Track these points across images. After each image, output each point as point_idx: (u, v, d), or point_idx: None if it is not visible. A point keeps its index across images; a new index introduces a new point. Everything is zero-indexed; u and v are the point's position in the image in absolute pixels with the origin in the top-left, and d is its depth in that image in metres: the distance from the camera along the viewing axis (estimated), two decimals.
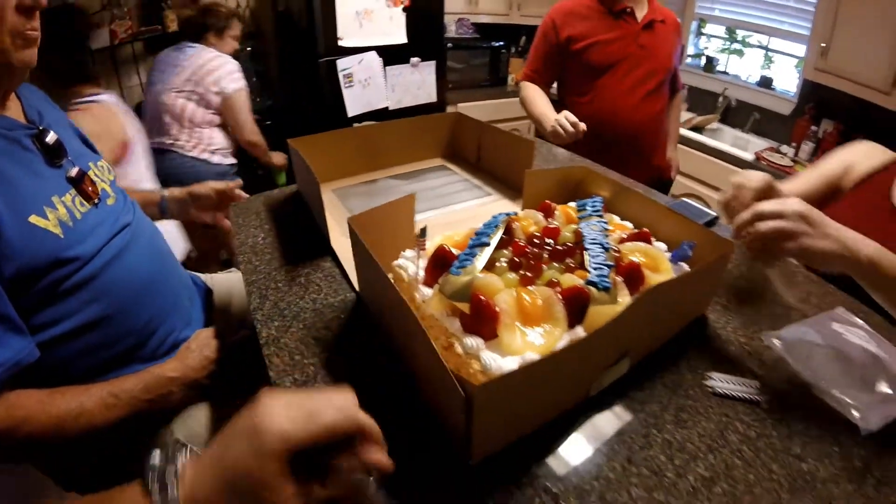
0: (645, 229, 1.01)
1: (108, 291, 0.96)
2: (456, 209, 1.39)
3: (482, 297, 0.71)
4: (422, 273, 0.85)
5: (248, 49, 3.79)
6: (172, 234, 2.15)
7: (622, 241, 0.96)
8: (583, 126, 1.74)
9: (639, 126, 2.11)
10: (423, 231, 0.88)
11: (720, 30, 3.75)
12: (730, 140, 3.44)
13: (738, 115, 3.57)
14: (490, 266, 0.83)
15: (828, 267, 0.85)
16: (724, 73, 3.77)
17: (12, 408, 0.82)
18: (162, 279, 1.11)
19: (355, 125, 1.99)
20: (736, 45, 3.67)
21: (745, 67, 3.68)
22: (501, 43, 4.32)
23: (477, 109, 3.98)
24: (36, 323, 0.87)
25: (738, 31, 3.64)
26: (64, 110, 1.21)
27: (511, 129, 4.03)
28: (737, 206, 0.92)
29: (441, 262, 0.83)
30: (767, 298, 1.07)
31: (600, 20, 2.04)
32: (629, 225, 1.07)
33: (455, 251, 0.85)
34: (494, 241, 0.87)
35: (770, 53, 3.48)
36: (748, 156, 3.02)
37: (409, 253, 0.93)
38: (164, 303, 1.10)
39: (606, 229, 0.94)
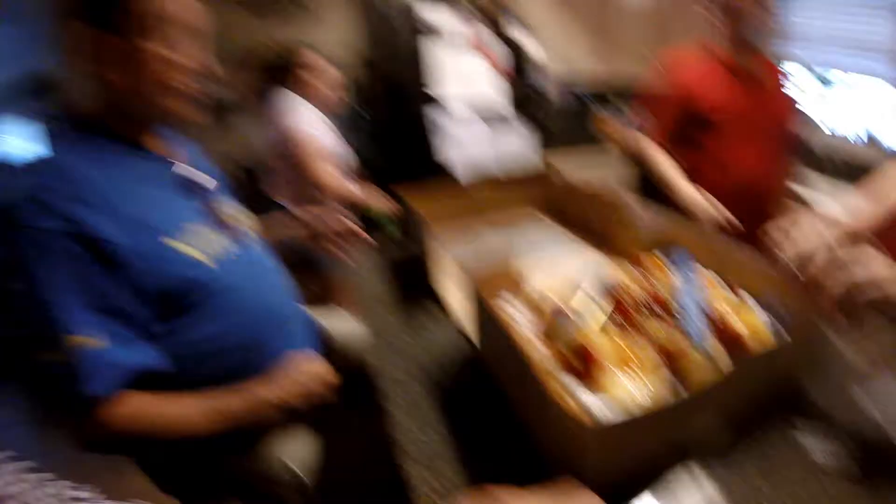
0: (738, 289, 1.08)
1: (230, 311, 1.09)
2: (550, 258, 1.48)
3: (587, 348, 0.82)
4: (531, 324, 0.96)
5: (355, 106, 4.14)
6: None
7: (713, 296, 1.03)
8: (735, 222, 1.76)
9: (767, 190, 2.06)
10: (522, 277, 1.00)
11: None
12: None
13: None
14: (594, 321, 0.94)
15: None
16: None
17: (131, 408, 0.93)
18: (278, 306, 1.22)
19: (455, 178, 2.14)
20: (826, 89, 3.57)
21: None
22: (593, 99, 4.50)
23: (573, 164, 4.05)
24: (162, 331, 1.00)
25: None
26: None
27: (605, 183, 4.14)
28: (816, 271, 0.81)
29: (554, 317, 0.94)
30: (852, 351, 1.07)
31: (730, 83, 1.97)
32: (717, 279, 1.13)
33: (560, 304, 0.96)
34: (600, 297, 0.97)
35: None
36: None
37: (507, 295, 1.04)
38: (278, 328, 1.20)
39: (699, 286, 1.02)
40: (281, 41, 3.86)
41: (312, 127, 2.42)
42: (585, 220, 1.69)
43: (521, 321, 0.98)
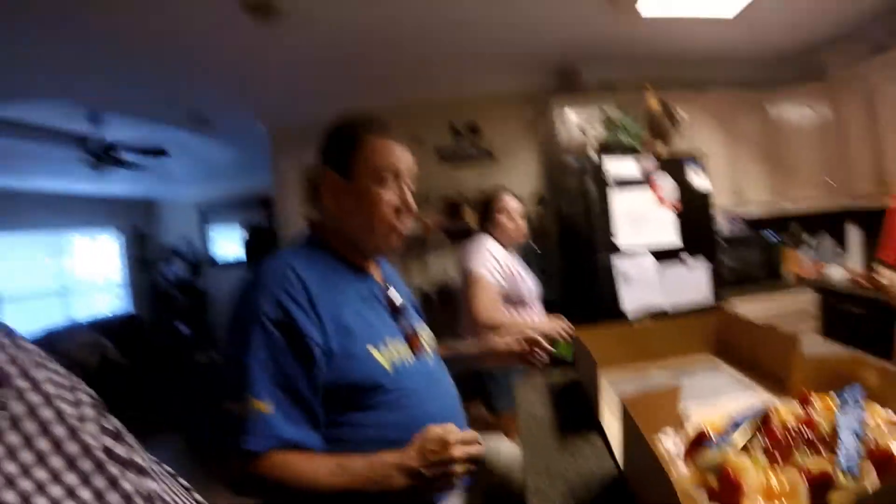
0: None
1: (399, 410, 1.26)
2: (721, 403, 1.46)
3: (730, 472, 0.83)
4: (681, 449, 0.97)
5: (534, 246, 4.42)
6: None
7: (873, 419, 0.98)
8: None
9: None
10: (683, 416, 1.02)
11: None
12: None
13: None
14: (744, 449, 0.93)
15: None
16: None
17: (274, 463, 1.10)
18: (441, 414, 1.33)
19: (631, 321, 2.19)
20: None
21: None
22: (774, 234, 4.31)
23: (755, 308, 3.87)
24: (335, 421, 1.21)
25: None
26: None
27: (790, 327, 3.89)
28: None
29: (700, 441, 0.95)
30: None
31: None
32: (886, 412, 1.06)
33: (713, 434, 0.97)
34: (749, 425, 0.97)
35: None
36: None
37: (669, 430, 1.06)
38: None
39: (863, 419, 0.98)
40: (478, 186, 4.41)
41: (492, 266, 2.61)
42: (759, 359, 1.64)
43: (673, 451, 1.00)
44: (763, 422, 1.02)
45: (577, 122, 4.44)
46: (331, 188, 1.37)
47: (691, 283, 3.63)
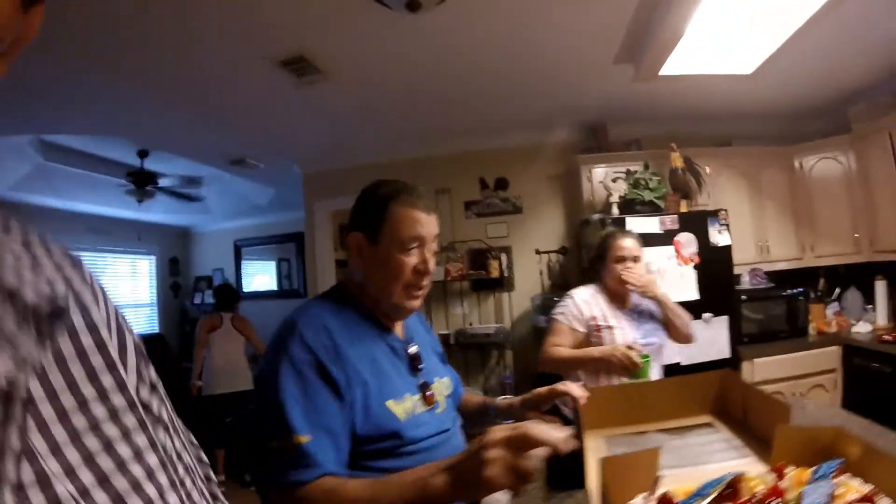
0: (870, 494, 1.03)
1: (412, 463, 1.30)
2: (708, 468, 1.45)
3: None
4: None
5: (556, 298, 4.46)
6: None
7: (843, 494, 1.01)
8: None
9: None
10: (657, 480, 1.06)
11: None
12: None
13: None
14: None
15: None
16: None
17: (324, 487, 1.17)
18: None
19: (625, 380, 2.25)
20: None
21: None
22: (799, 290, 4.24)
23: (775, 364, 3.87)
24: (363, 465, 1.29)
25: None
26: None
27: (815, 385, 3.87)
28: None
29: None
30: None
31: None
32: (860, 484, 1.08)
33: (679, 499, 1.01)
34: (716, 491, 1.01)
35: None
36: None
37: (638, 499, 1.10)
38: None
39: (832, 494, 1.01)
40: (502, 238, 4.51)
41: (571, 314, 2.64)
42: (754, 425, 1.66)
43: None
44: (731, 488, 1.05)
45: (601, 179, 4.54)
46: (357, 250, 1.48)
47: (709, 339, 3.63)
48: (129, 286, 8.03)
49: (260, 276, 8.23)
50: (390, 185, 1.50)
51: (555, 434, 1.00)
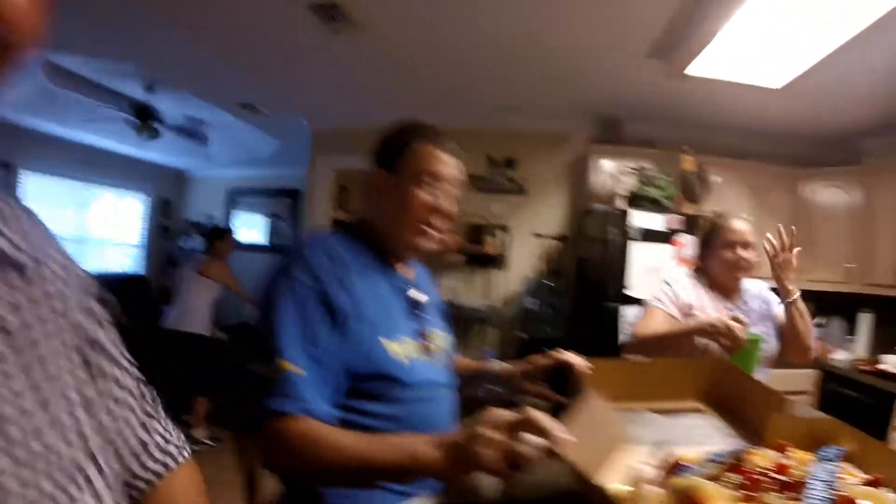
0: (879, 476, 1.02)
1: (406, 419, 1.30)
2: (702, 449, 1.47)
3: (695, 497, 0.87)
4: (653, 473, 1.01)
5: (549, 283, 4.51)
6: None
7: (849, 481, 1.00)
8: None
9: None
10: (664, 445, 1.06)
11: None
12: None
13: None
14: (717, 480, 0.97)
15: None
16: None
17: (306, 427, 1.09)
18: (441, 422, 1.41)
19: (625, 356, 2.22)
20: None
21: None
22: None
23: None
24: (355, 408, 1.25)
25: None
26: None
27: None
28: None
29: (675, 468, 0.99)
30: None
31: None
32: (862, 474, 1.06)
33: (690, 464, 1.01)
34: (726, 461, 1.00)
35: None
36: None
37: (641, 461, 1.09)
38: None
39: (838, 474, 1.01)
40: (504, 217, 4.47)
41: (668, 298, 2.40)
42: (744, 413, 1.66)
43: (648, 475, 1.03)
44: (739, 460, 1.05)
45: (610, 172, 4.54)
46: (375, 184, 1.46)
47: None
48: (118, 223, 7.96)
49: (250, 228, 8.14)
50: (417, 124, 1.49)
51: (559, 430, 0.93)
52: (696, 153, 4.30)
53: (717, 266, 2.41)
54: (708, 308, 2.35)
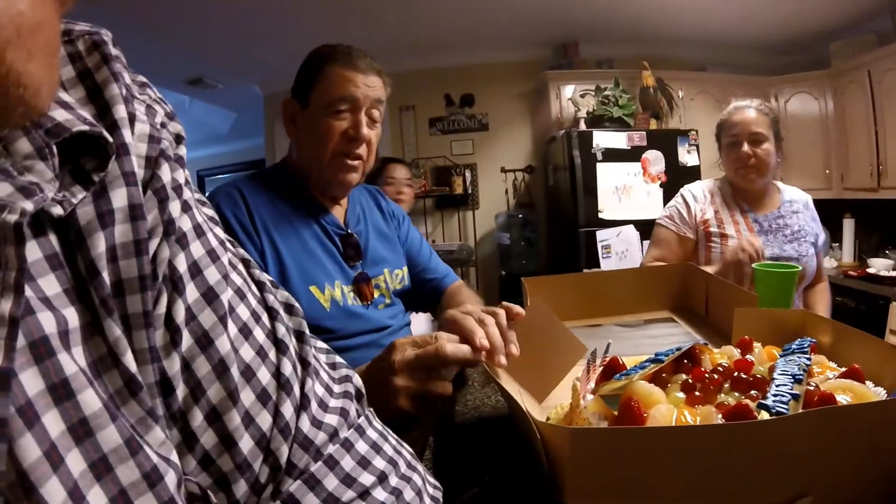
0: (856, 366, 0.87)
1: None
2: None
3: (632, 402, 0.72)
4: (592, 384, 0.87)
5: (521, 216, 4.44)
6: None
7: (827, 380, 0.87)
8: None
9: None
10: (608, 347, 0.91)
11: None
12: None
13: None
14: (662, 387, 0.82)
15: None
16: None
17: None
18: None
19: (585, 271, 2.06)
20: None
21: None
22: None
23: None
24: None
25: None
26: None
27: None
28: None
29: (610, 372, 0.85)
30: None
31: None
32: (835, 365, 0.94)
33: (627, 366, 0.86)
34: (668, 360, 0.86)
35: None
36: None
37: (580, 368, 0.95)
38: None
39: (807, 365, 0.86)
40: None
41: (685, 213, 2.16)
42: (715, 316, 1.53)
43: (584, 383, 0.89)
44: (689, 359, 0.91)
45: (570, 96, 4.42)
46: (291, 118, 1.36)
47: None
48: None
49: None
50: (330, 46, 1.35)
51: (465, 349, 0.86)
52: (656, 68, 4.17)
53: (729, 169, 2.12)
54: (726, 223, 2.07)
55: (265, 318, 0.46)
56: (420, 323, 2.36)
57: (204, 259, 0.41)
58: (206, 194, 1.20)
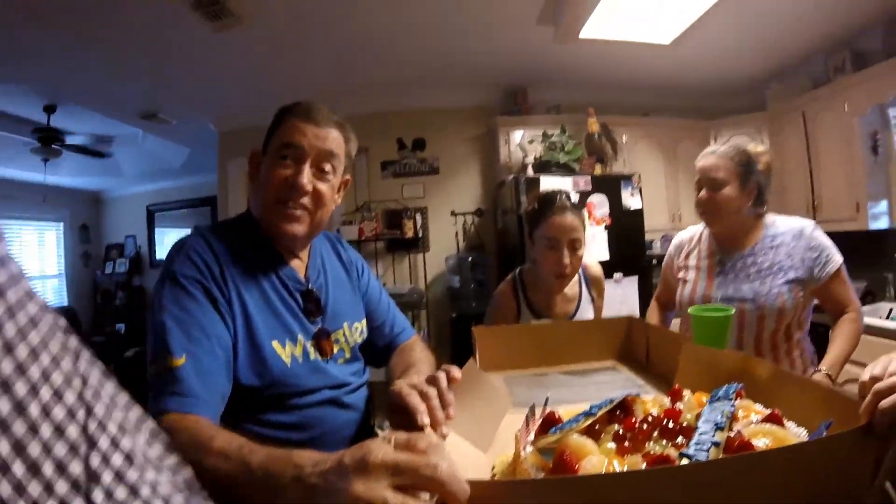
0: (776, 411, 0.94)
1: (308, 424, 1.23)
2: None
3: (565, 454, 0.78)
4: (532, 436, 0.92)
5: (471, 259, 4.50)
6: None
7: (744, 417, 0.94)
8: None
9: None
10: (546, 401, 0.97)
11: None
12: None
13: None
14: (596, 438, 0.88)
15: None
16: None
17: (185, 424, 0.95)
18: (361, 436, 1.30)
19: (533, 322, 2.10)
20: None
21: None
22: None
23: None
24: (252, 417, 1.18)
25: None
26: None
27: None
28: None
29: (548, 425, 0.90)
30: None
31: None
32: (761, 408, 1.00)
33: (563, 419, 0.92)
34: (601, 413, 0.92)
35: None
36: None
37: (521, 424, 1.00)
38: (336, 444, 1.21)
39: (731, 412, 0.92)
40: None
41: (673, 252, 2.28)
42: (656, 363, 1.61)
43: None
44: (622, 410, 0.98)
45: (518, 142, 4.56)
46: (257, 168, 1.35)
47: (620, 298, 3.69)
48: (36, 255, 7.52)
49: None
50: (298, 102, 1.36)
51: (459, 483, 0.64)
52: (601, 114, 4.33)
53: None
54: (691, 268, 2.13)
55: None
56: None
57: None
58: (175, 242, 1.23)
